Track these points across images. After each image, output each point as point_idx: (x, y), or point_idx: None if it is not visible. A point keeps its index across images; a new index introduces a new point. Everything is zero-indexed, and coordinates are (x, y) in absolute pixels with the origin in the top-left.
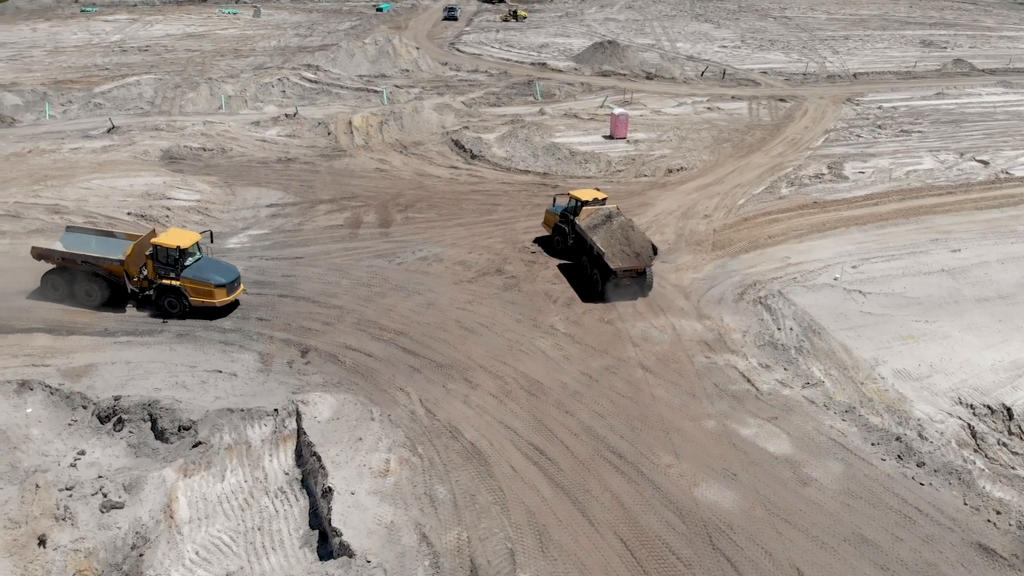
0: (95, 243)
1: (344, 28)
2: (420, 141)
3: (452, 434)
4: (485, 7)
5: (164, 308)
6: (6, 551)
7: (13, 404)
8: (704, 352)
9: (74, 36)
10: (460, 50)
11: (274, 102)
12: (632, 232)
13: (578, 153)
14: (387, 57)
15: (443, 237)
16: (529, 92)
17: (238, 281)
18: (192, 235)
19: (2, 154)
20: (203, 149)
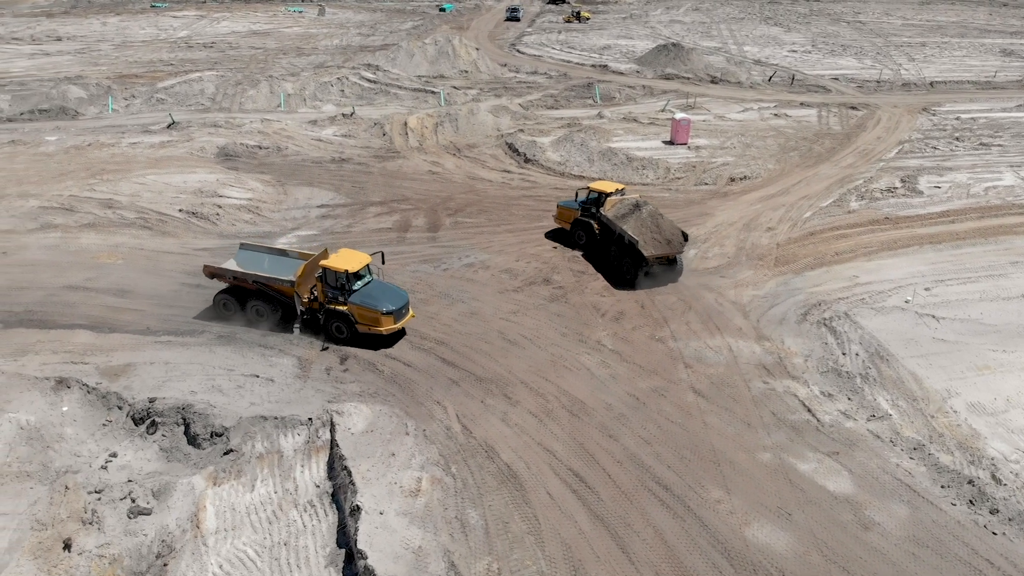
0: (267, 262)
1: (406, 28)
2: (474, 144)
3: (488, 454)
4: (548, 8)
5: (332, 333)
6: (31, 553)
7: (50, 402)
8: (762, 377)
9: (142, 31)
10: (520, 51)
11: (333, 101)
12: (662, 220)
13: (635, 159)
14: (446, 58)
15: (491, 243)
16: (588, 95)
17: (406, 307)
18: (362, 257)
19: (62, 147)
20: (259, 147)
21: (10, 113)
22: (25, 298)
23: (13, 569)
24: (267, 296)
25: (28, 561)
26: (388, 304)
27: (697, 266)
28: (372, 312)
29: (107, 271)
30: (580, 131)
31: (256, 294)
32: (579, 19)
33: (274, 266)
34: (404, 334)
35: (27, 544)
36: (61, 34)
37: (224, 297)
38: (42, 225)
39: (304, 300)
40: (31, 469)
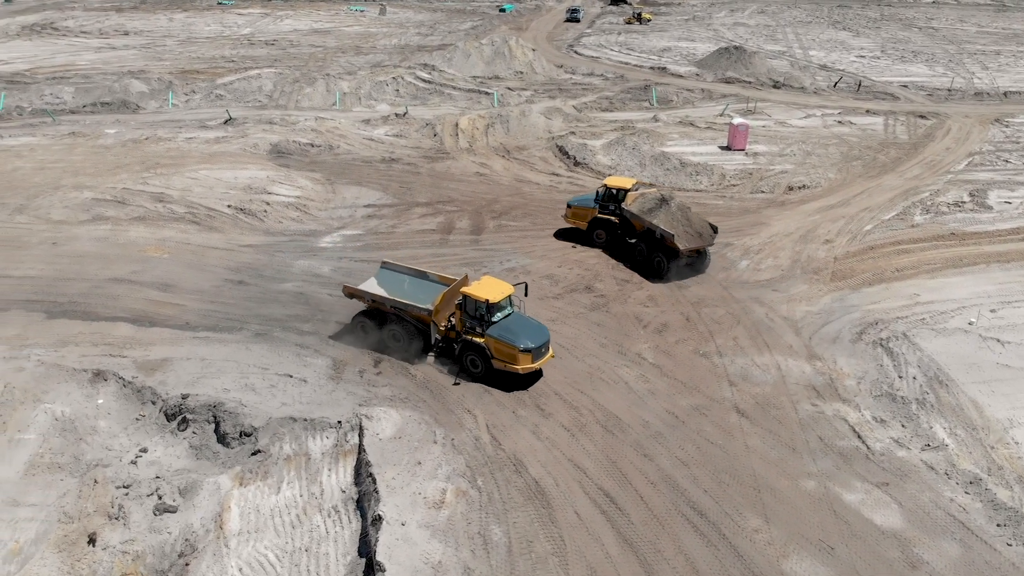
0: (407, 283)
1: (465, 28)
2: (524, 146)
3: (516, 468)
4: (609, 9)
5: (466, 366)
6: (56, 546)
7: (86, 394)
8: (811, 399)
9: (207, 27)
10: (578, 52)
11: (387, 101)
12: (690, 213)
13: (689, 164)
14: (502, 58)
15: (534, 248)
16: (645, 98)
17: (546, 346)
18: (504, 287)
19: (120, 140)
20: (311, 145)
21: (73, 105)
22: (70, 289)
23: (37, 561)
24: (405, 321)
25: (52, 554)
26: (527, 340)
27: (748, 278)
28: (509, 348)
29: (153, 264)
30: (633, 134)
31: (394, 318)
32: (640, 20)
33: (413, 290)
34: (541, 375)
35: (53, 537)
36: (128, 29)
37: (362, 320)
38: (94, 217)
39: (441, 328)
40: (63, 461)
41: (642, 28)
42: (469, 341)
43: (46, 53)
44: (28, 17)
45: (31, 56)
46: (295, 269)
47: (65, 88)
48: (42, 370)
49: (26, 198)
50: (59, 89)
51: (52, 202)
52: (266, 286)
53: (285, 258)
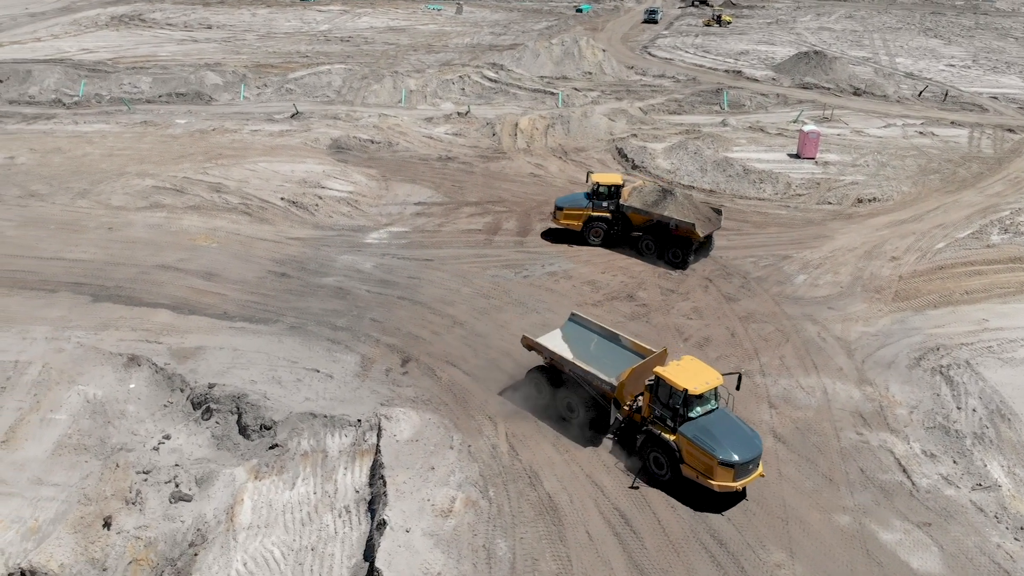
0: (594, 344)
1: (539, 28)
2: (583, 147)
3: (531, 480)
4: (690, 11)
5: (648, 464)
6: (72, 527)
7: (119, 378)
8: (856, 427)
9: (287, 23)
10: (652, 54)
11: (452, 99)
12: (694, 199)
13: (753, 171)
14: (571, 59)
15: (579, 252)
16: (716, 101)
17: (756, 461)
18: (710, 375)
19: (189, 130)
20: (371, 141)
21: (150, 95)
22: (118, 274)
23: (53, 541)
24: (582, 391)
25: (68, 535)
26: (731, 452)
27: (804, 294)
28: (705, 456)
29: (200, 253)
30: (697, 138)
31: (571, 383)
32: (719, 23)
33: (600, 353)
34: (744, 496)
35: (70, 518)
36: (212, 23)
37: (537, 376)
38: (151, 204)
39: (624, 409)
40: (89, 443)
41: (721, 30)
42: (655, 435)
43: (130, 43)
44: (118, 8)
45: (116, 46)
46: (338, 264)
47: (143, 78)
48: (80, 352)
49: (90, 183)
50: (137, 79)
51: (114, 188)
52: (307, 279)
53: (330, 252)
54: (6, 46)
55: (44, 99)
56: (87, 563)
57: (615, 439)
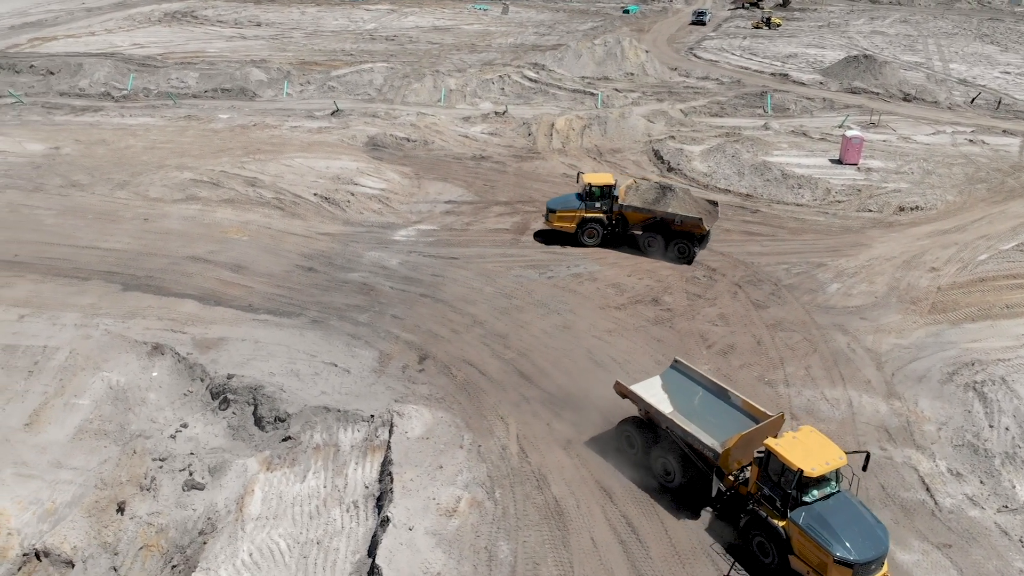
0: (699, 399)
1: (584, 28)
2: (619, 148)
3: (539, 483)
4: (740, 13)
5: (751, 546)
6: (87, 511)
7: (142, 366)
8: (880, 441)
9: (335, 22)
10: (697, 56)
11: (491, 99)
12: (692, 192)
13: (792, 176)
14: (614, 59)
15: (606, 254)
16: (759, 104)
17: (880, 562)
18: (831, 452)
19: (231, 125)
20: (407, 139)
21: (196, 90)
22: (150, 264)
23: (68, 524)
24: (680, 452)
25: (82, 518)
26: (851, 549)
27: (836, 303)
28: (820, 551)
29: (230, 246)
30: (736, 141)
31: (668, 442)
32: (769, 25)
33: (704, 410)
34: None
35: (86, 501)
36: (261, 20)
37: (629, 429)
38: (187, 196)
39: (728, 479)
40: (109, 428)
41: (770, 33)
42: (761, 517)
43: (181, 39)
44: (172, 4)
45: (166, 41)
46: (364, 260)
47: (190, 73)
48: (107, 339)
49: (130, 175)
50: (185, 74)
51: (153, 180)
52: (333, 274)
53: (357, 248)
54: (61, 39)
55: (94, 92)
56: (99, 547)
57: (716, 513)
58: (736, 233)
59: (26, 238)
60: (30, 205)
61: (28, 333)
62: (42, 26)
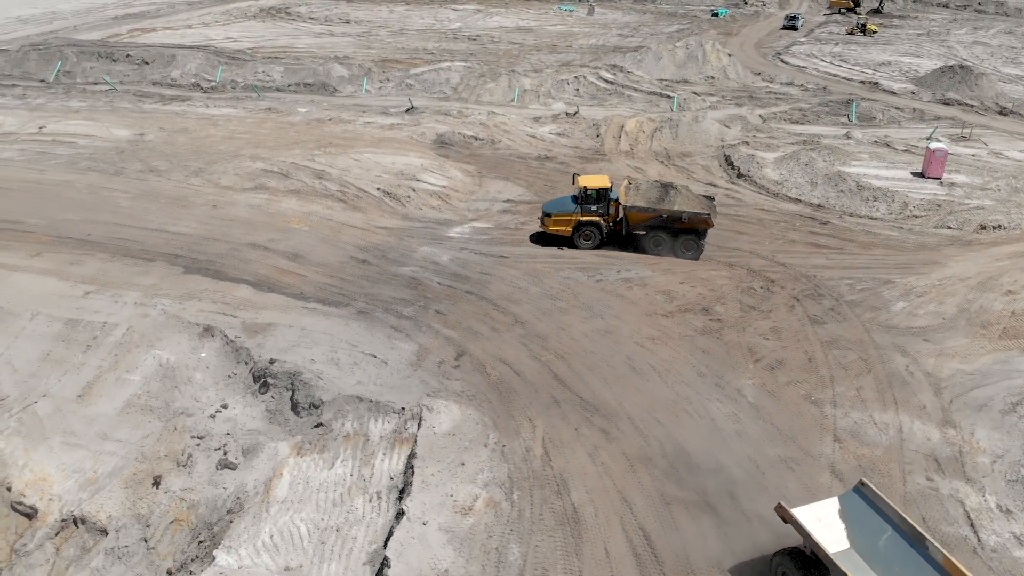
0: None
1: (670, 31)
2: (689, 152)
3: (558, 488)
4: (835, 18)
5: None
6: (125, 483)
7: (192, 346)
8: (927, 471)
9: (421, 20)
10: (784, 61)
11: (565, 99)
12: (691, 189)
13: (867, 187)
14: (695, 62)
15: (660, 260)
16: (844, 112)
17: None
18: None
19: (308, 119)
20: (475, 138)
21: (280, 84)
22: (212, 249)
23: (105, 493)
24: None
25: (120, 489)
26: None
27: (899, 323)
28: None
29: (291, 235)
30: (812, 150)
31: None
32: (863, 32)
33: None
34: None
35: (125, 473)
36: (351, 18)
37: (786, 565)
38: (256, 186)
39: None
40: (155, 405)
41: (864, 40)
42: None
43: (272, 35)
44: (268, 0)
45: (258, 36)
46: (417, 255)
47: (276, 67)
48: (163, 319)
49: (206, 163)
50: (271, 68)
51: (226, 169)
52: (385, 268)
53: (412, 243)
54: (159, 31)
55: (184, 82)
56: (133, 517)
57: None
58: (801, 245)
59: (101, 219)
60: (109, 188)
61: (91, 309)
62: (143, 18)
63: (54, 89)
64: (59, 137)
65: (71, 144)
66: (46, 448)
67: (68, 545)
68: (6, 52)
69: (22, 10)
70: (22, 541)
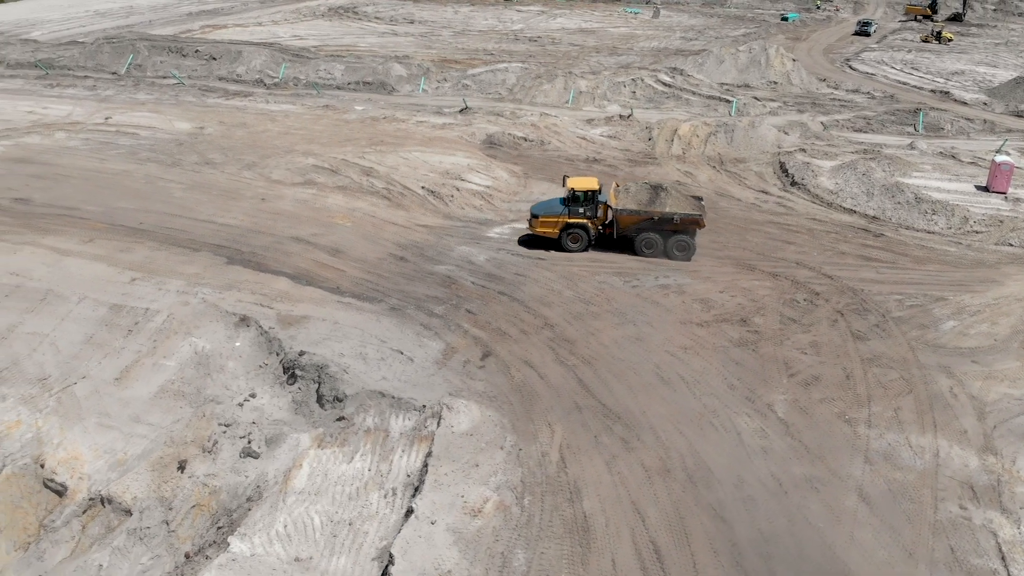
0: None
1: (736, 35)
2: (743, 159)
3: (571, 496)
4: (910, 25)
5: None
6: (151, 465)
7: (228, 335)
8: (961, 499)
9: (484, 22)
10: (853, 67)
11: (620, 102)
12: (681, 189)
13: (926, 200)
14: (757, 67)
15: (700, 267)
16: (911, 122)
17: None
18: None
19: (363, 117)
20: (524, 139)
21: (340, 82)
22: (256, 241)
23: (133, 475)
24: None
25: (147, 471)
26: None
27: (948, 342)
28: None
29: (333, 230)
30: (872, 159)
31: None
32: (938, 39)
33: None
34: None
35: (153, 456)
36: (416, 18)
37: None
38: (305, 181)
39: None
40: (187, 391)
41: (939, 48)
42: None
43: (337, 33)
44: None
45: (323, 35)
46: (454, 254)
47: (337, 66)
48: (202, 308)
49: (260, 157)
50: (332, 66)
51: (278, 163)
52: (421, 265)
53: (450, 242)
54: (230, 28)
55: (248, 78)
56: (156, 500)
57: None
58: (852, 257)
59: (154, 208)
60: (165, 178)
61: (135, 295)
62: (216, 14)
63: (124, 81)
64: (123, 128)
65: (133, 135)
66: (81, 428)
67: (94, 524)
68: (82, 45)
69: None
70: (51, 517)
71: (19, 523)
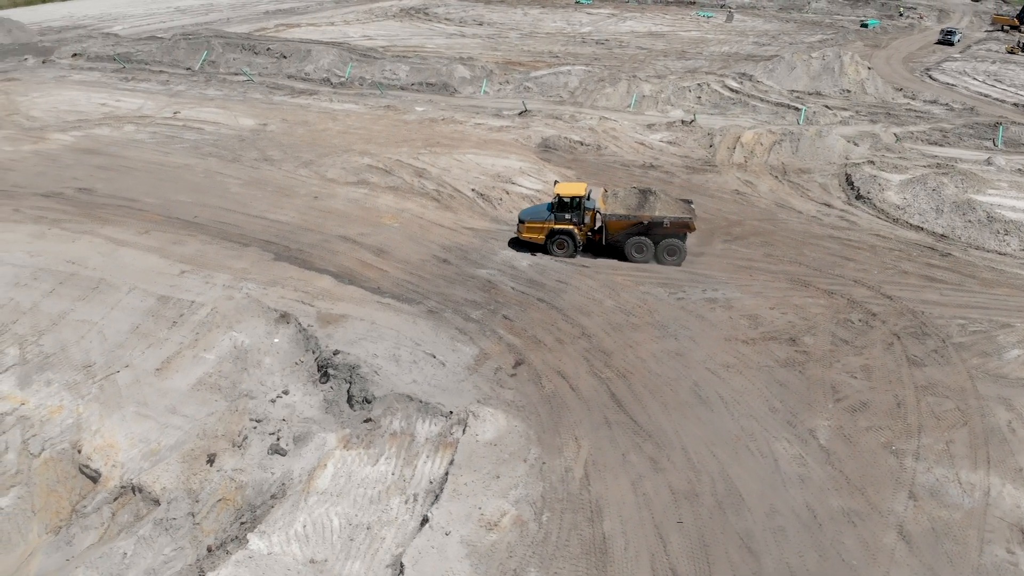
0: None
1: (812, 41)
2: (808, 169)
3: (591, 516)
4: (995, 35)
5: None
6: (182, 457)
7: (267, 331)
8: (1009, 542)
9: (552, 24)
10: (933, 77)
11: (684, 107)
12: (669, 192)
13: (999, 219)
14: (830, 74)
15: (752, 282)
16: (990, 136)
17: None
18: None
19: (422, 118)
20: (580, 143)
21: (404, 83)
22: (304, 238)
23: (163, 466)
24: None
25: (177, 463)
26: None
27: (1010, 372)
28: None
29: (380, 230)
30: (944, 174)
31: None
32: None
33: None
34: None
35: (184, 448)
36: (485, 20)
37: None
38: (359, 180)
39: None
40: (224, 384)
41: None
42: None
43: (406, 34)
44: (409, 1)
45: (392, 35)
46: (497, 258)
47: (402, 66)
48: (245, 303)
49: (317, 155)
50: (397, 67)
51: (334, 162)
52: (463, 268)
53: (494, 246)
54: (303, 27)
55: (316, 77)
56: (184, 491)
57: None
58: (915, 277)
59: (209, 202)
60: (223, 173)
61: (183, 287)
62: (292, 13)
63: (196, 77)
64: (189, 123)
65: (199, 130)
66: (119, 416)
67: (123, 511)
68: (159, 40)
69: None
70: (83, 503)
71: (53, 506)
